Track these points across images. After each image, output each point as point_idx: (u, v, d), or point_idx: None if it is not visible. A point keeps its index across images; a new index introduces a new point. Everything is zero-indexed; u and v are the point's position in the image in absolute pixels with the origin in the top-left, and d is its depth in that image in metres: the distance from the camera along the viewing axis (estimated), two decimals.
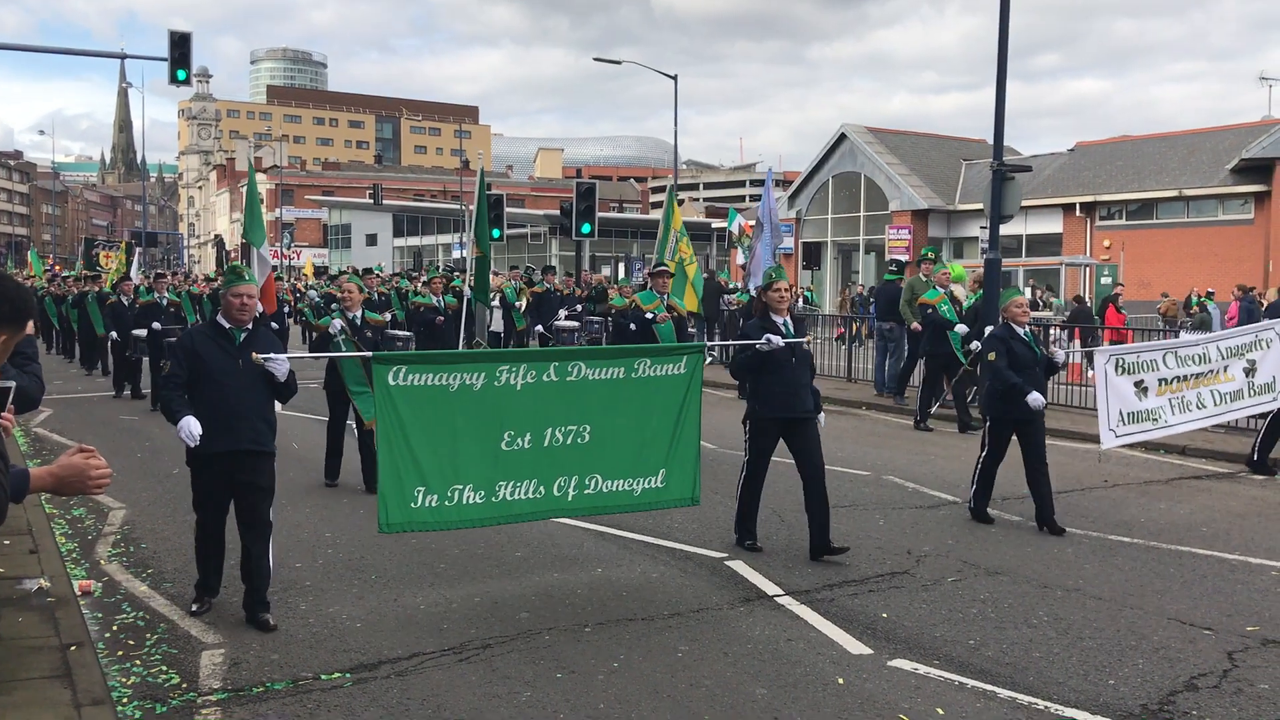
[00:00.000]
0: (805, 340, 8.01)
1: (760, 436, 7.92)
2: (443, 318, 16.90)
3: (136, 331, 16.37)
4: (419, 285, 25.46)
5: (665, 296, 12.07)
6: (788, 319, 8.02)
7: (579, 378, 6.70)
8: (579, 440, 6.71)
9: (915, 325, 15.32)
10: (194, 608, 6.47)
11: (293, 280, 44.90)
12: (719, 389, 18.31)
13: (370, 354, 6.89)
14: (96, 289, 21.25)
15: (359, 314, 10.33)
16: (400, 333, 16.42)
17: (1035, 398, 8.63)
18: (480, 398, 6.40)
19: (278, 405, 6.65)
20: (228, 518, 6.48)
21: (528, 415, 6.53)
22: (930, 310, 14.59)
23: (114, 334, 17.43)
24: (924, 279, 15.35)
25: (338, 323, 10.20)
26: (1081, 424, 13.79)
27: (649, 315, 11.76)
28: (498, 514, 6.56)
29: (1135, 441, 10.40)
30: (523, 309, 22.38)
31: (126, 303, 17.39)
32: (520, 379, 6.51)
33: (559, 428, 6.64)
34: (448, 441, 6.36)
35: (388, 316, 16.57)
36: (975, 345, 14.95)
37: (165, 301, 16.67)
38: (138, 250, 35.40)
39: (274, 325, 11.26)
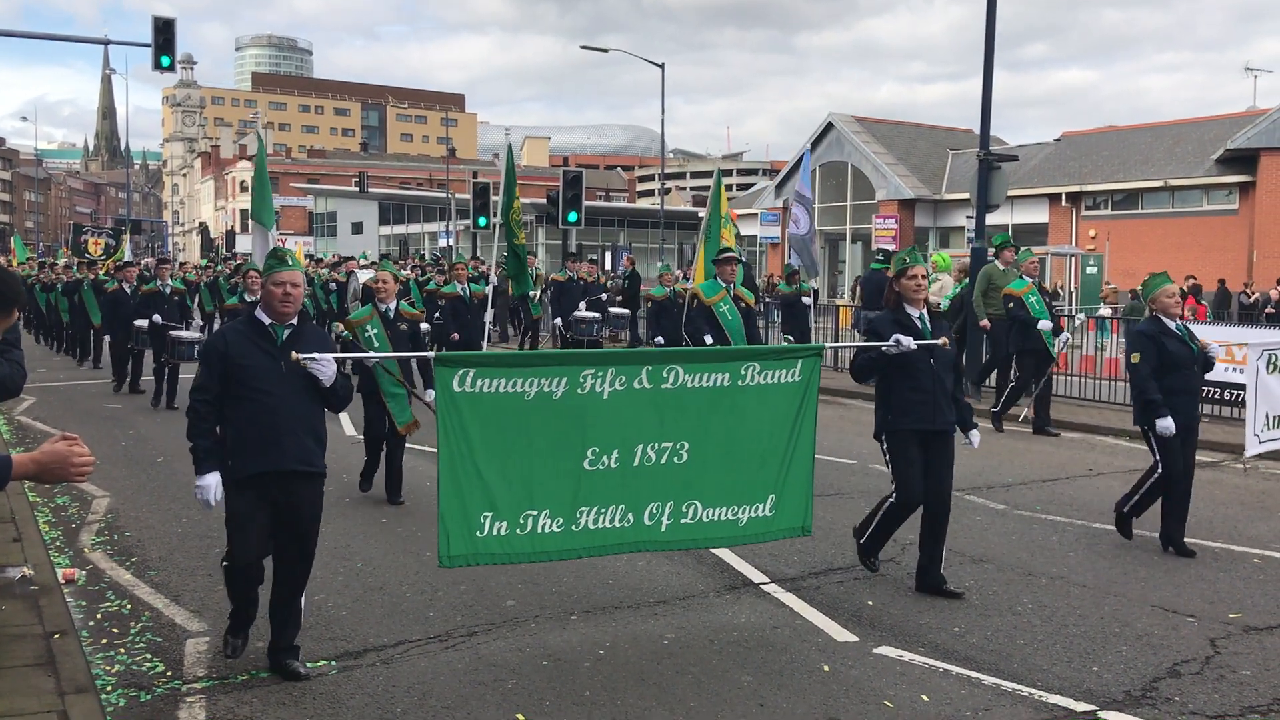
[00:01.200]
0: (943, 341, 6.75)
1: (903, 451, 6.73)
2: (456, 335, 14.21)
3: (138, 322, 15.35)
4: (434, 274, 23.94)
5: (732, 286, 10.89)
6: (924, 313, 6.85)
7: (676, 385, 5.78)
8: (675, 460, 5.80)
9: (984, 323, 14.19)
10: (227, 652, 5.53)
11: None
12: None
13: (432, 354, 5.81)
14: (92, 277, 20.30)
15: (393, 305, 9.27)
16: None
17: (1165, 424, 7.48)
18: (561, 408, 5.52)
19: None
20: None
21: (616, 429, 5.65)
22: (1013, 304, 12.96)
23: (107, 336, 16.72)
24: (1002, 268, 14.14)
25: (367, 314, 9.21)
26: (1067, 414, 13.86)
27: (721, 309, 10.72)
28: (578, 545, 5.68)
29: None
30: (537, 298, 20.78)
31: (129, 290, 16.24)
32: (607, 386, 5.62)
33: (652, 444, 5.74)
34: (522, 459, 5.48)
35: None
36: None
37: (169, 290, 15.43)
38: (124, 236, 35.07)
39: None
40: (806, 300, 17.20)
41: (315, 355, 5.23)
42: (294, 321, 5.33)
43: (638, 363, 5.80)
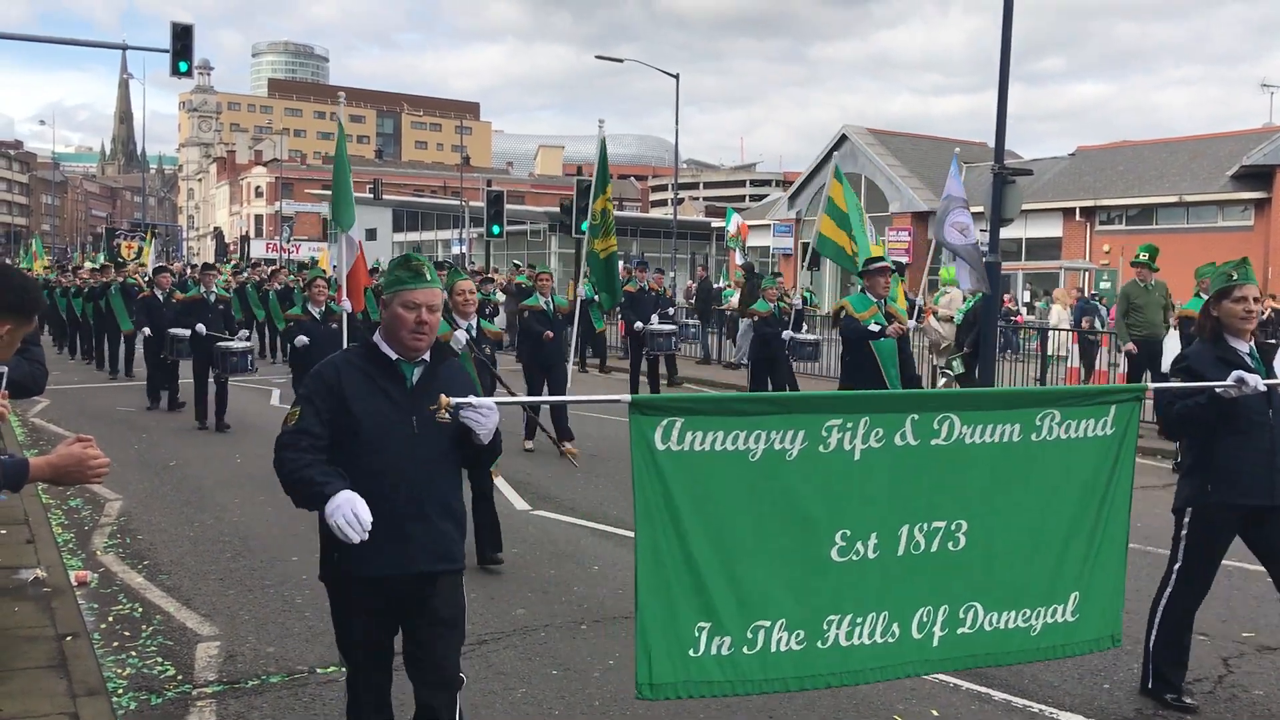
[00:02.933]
0: None
1: (1209, 533, 5.21)
2: (550, 333, 12.22)
3: (176, 331, 13.93)
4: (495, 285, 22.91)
5: (884, 302, 9.06)
6: (1252, 345, 5.21)
7: (951, 441, 4.25)
8: (950, 546, 4.30)
9: (1130, 347, 12.69)
10: None
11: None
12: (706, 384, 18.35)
13: (629, 398, 3.89)
14: (120, 280, 18.95)
15: (475, 323, 7.81)
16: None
17: None
18: (798, 473, 4.02)
19: None
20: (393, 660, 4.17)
21: (873, 503, 4.16)
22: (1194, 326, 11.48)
23: (146, 330, 15.15)
24: (1142, 284, 12.92)
25: (462, 335, 7.45)
26: None
27: (874, 327, 8.94)
28: (826, 669, 4.19)
29: None
30: (574, 310, 19.67)
31: (162, 297, 15.05)
32: (859, 441, 4.10)
33: (920, 525, 4.25)
34: (749, 546, 3.99)
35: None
36: (957, 364, 14.91)
37: (214, 298, 13.98)
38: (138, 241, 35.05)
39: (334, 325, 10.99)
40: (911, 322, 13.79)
41: (472, 401, 3.68)
42: (426, 357, 3.82)
43: (900, 409, 4.22)
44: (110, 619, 6.22)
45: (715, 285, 27.35)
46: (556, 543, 8.09)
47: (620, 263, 15.19)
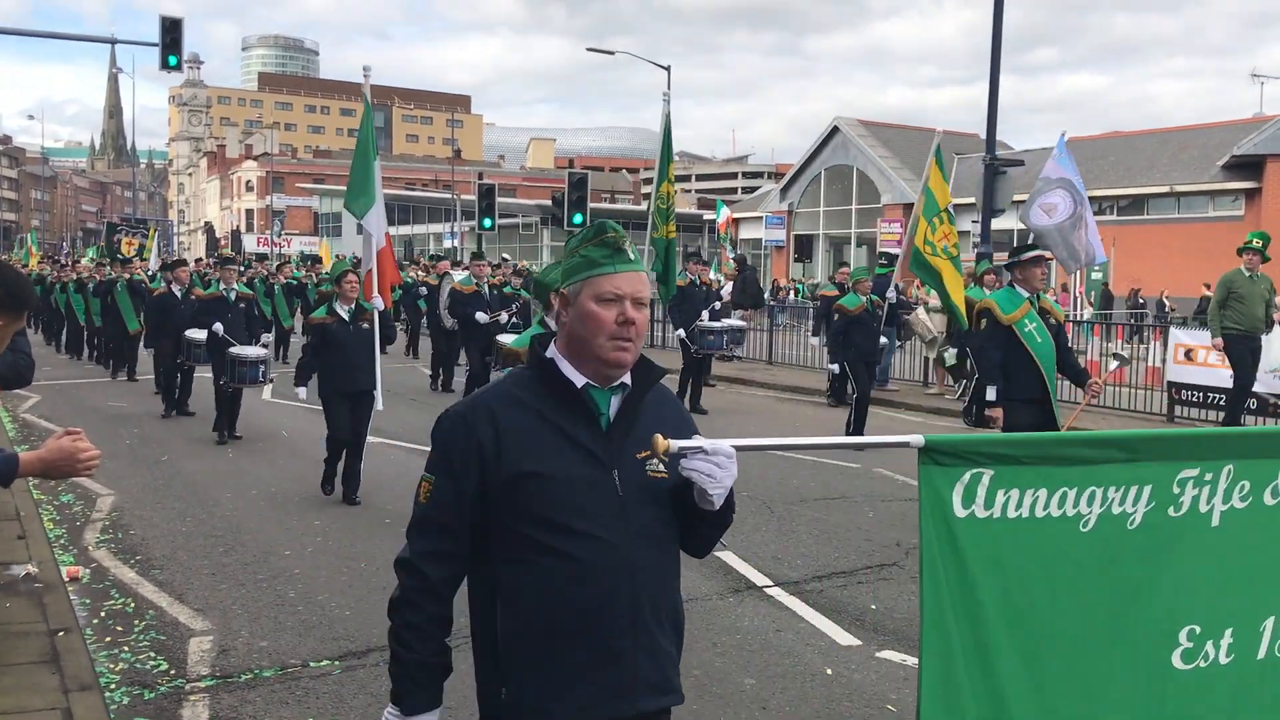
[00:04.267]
0: None
1: None
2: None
3: (192, 333, 12.72)
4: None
5: (1038, 296, 7.64)
6: None
7: None
8: None
9: (1218, 340, 11.96)
10: None
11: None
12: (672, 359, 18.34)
13: (921, 441, 2.83)
14: (127, 276, 17.96)
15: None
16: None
17: None
18: (1140, 548, 2.89)
19: None
20: None
21: (1231, 586, 2.98)
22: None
23: (151, 347, 14.16)
24: (1248, 273, 11.95)
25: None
26: (1090, 424, 13.82)
27: (1026, 327, 7.49)
28: None
29: None
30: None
31: (180, 294, 13.85)
32: (1219, 501, 2.93)
33: None
34: (1065, 649, 2.87)
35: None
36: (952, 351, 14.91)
37: (234, 295, 12.52)
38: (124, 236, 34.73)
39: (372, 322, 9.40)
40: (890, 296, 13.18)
41: (703, 444, 2.41)
42: (627, 379, 2.51)
43: (1273, 452, 2.98)
44: (102, 614, 6.21)
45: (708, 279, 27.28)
46: None
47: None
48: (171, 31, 22.56)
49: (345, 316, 9.25)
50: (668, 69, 38.07)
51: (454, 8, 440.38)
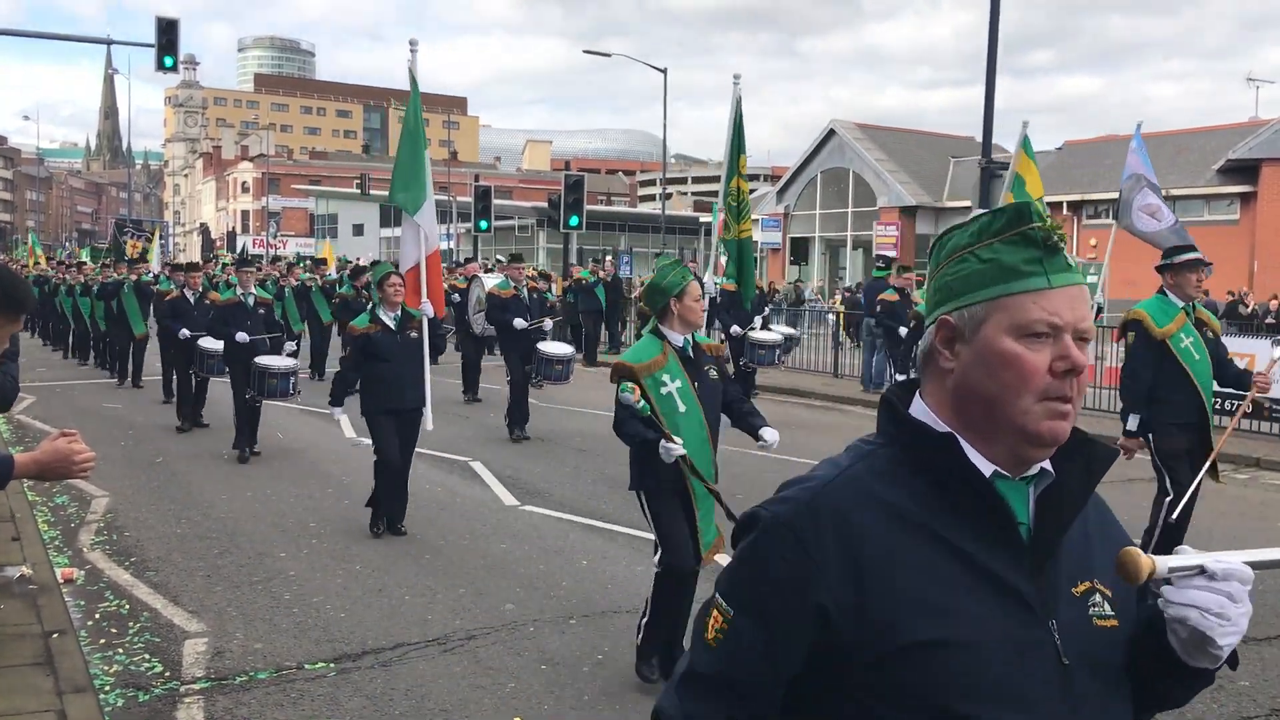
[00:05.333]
0: None
1: None
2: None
3: (206, 343, 11.86)
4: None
5: (1193, 306, 6.68)
6: None
7: None
8: None
9: None
10: None
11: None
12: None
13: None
14: (134, 277, 17.27)
15: (691, 339, 5.42)
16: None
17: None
18: None
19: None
20: None
21: None
22: None
23: (184, 331, 12.81)
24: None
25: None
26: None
27: (1182, 342, 6.52)
28: None
29: None
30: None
31: (193, 299, 13.16)
32: None
33: None
34: None
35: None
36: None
37: (253, 301, 11.63)
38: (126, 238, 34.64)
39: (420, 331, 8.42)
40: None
41: (1202, 562, 1.42)
42: (1048, 466, 1.53)
43: None
44: (97, 616, 6.20)
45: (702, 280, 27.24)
46: (545, 538, 8.08)
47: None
48: (167, 32, 22.53)
49: (391, 325, 8.20)
50: (664, 71, 38.14)
51: (450, 9, 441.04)
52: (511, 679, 5.36)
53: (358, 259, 37.28)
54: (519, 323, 12.58)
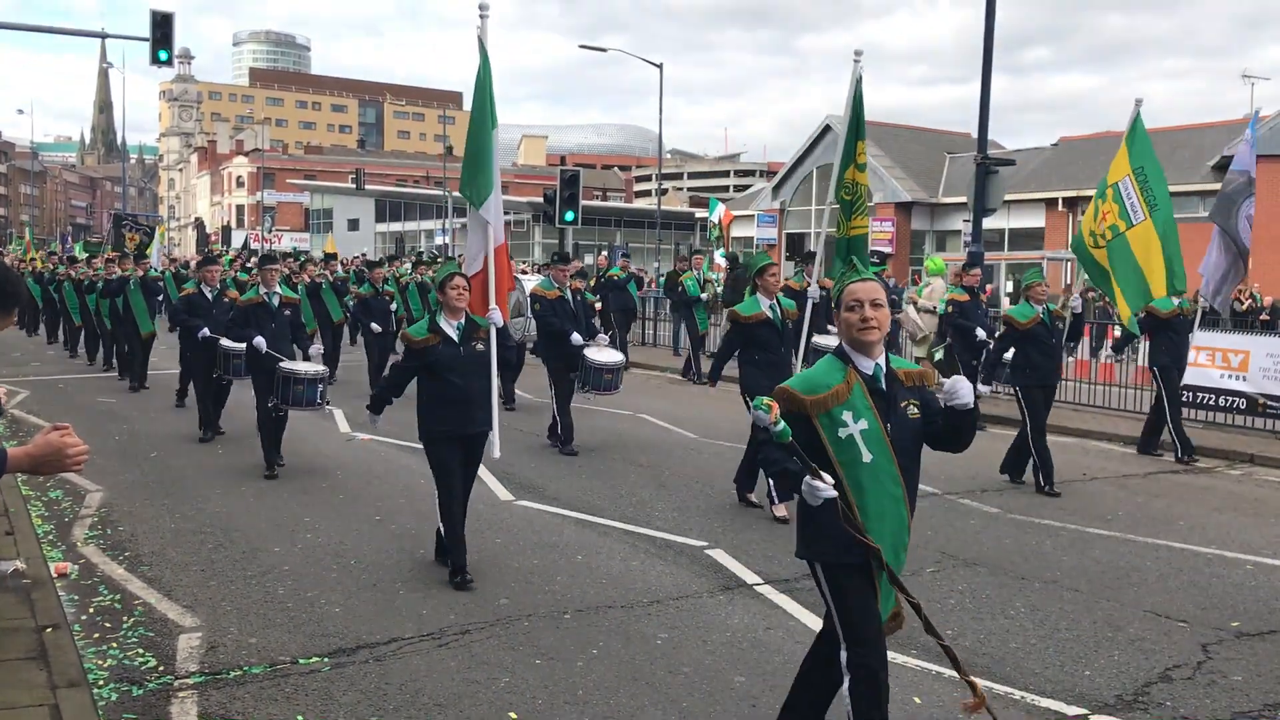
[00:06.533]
0: None
1: None
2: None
3: (227, 343, 10.82)
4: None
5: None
6: None
7: None
8: None
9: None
10: None
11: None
12: (653, 370, 18.33)
13: None
14: (140, 274, 16.49)
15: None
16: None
17: None
18: None
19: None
20: None
21: None
22: None
23: (205, 331, 11.80)
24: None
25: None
26: (1062, 419, 13.88)
27: None
28: None
29: None
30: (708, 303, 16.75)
31: (210, 295, 12.22)
32: None
33: None
34: None
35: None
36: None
37: (278, 301, 10.48)
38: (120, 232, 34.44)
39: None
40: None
41: None
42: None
43: None
44: (91, 610, 6.19)
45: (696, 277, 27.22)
46: (540, 533, 8.08)
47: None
48: (162, 26, 22.51)
49: (454, 335, 7.01)
50: (659, 66, 38.13)
51: (446, 4, 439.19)
52: (506, 673, 5.36)
53: (363, 253, 37.04)
54: (576, 338, 11.25)
